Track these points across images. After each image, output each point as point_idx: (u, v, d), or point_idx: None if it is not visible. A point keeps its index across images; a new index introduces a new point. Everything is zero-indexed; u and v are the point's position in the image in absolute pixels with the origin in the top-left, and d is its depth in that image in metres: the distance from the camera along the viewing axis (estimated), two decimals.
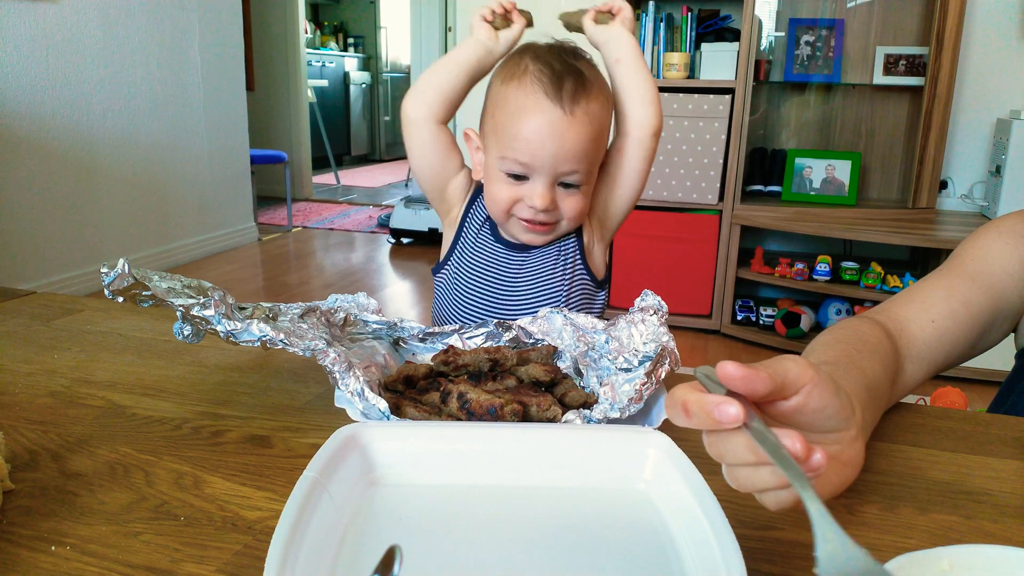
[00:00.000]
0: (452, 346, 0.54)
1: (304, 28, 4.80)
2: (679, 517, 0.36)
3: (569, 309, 0.59)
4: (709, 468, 0.44)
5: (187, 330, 0.50)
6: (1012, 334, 0.62)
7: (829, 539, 0.26)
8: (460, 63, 0.70)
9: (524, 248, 0.71)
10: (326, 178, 5.66)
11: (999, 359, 0.65)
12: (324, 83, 5.93)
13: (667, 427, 0.46)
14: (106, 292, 0.45)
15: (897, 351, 0.53)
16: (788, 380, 0.33)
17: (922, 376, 0.56)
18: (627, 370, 0.50)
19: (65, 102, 2.54)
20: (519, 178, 0.65)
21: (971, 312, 0.56)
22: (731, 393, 0.32)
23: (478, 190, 0.73)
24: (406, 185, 5.45)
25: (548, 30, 0.72)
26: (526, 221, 0.66)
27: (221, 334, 0.47)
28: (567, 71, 0.64)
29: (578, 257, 0.73)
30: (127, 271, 0.44)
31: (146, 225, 2.96)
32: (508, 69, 0.67)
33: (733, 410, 0.30)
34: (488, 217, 0.72)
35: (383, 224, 4.03)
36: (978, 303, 0.57)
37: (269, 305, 0.54)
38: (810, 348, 0.51)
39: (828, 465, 0.35)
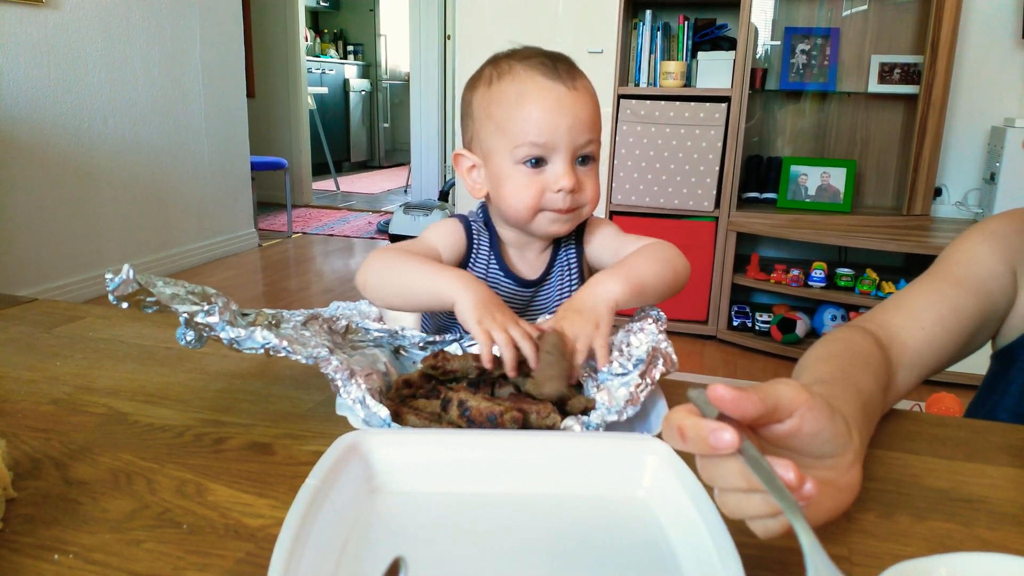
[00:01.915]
0: (442, 351, 0.54)
1: (304, 35, 4.82)
2: (678, 525, 0.37)
3: None
4: None
5: (190, 335, 0.50)
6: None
7: (821, 572, 0.27)
8: (417, 304, 0.61)
9: (533, 283, 0.70)
10: (326, 184, 5.67)
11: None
12: (324, 90, 5.94)
13: None
14: (110, 297, 0.45)
15: (888, 360, 0.53)
16: (781, 403, 0.33)
17: (913, 382, 0.56)
18: (622, 374, 0.50)
19: (66, 108, 2.55)
20: (538, 164, 0.62)
21: (960, 317, 0.57)
22: (724, 416, 0.32)
23: (470, 235, 0.69)
24: (405, 191, 5.46)
25: (547, 30, 0.73)
26: (555, 211, 0.64)
27: (225, 341, 0.47)
28: (554, 56, 0.64)
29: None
30: (131, 276, 0.45)
31: (147, 231, 2.96)
32: (486, 77, 0.65)
33: (728, 436, 0.30)
34: (491, 251, 0.69)
35: (382, 230, 4.03)
36: (966, 307, 0.57)
37: (272, 312, 0.54)
38: (803, 363, 0.51)
39: (823, 490, 0.35)
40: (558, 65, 0.63)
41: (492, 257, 0.70)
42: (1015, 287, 0.59)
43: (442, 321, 0.74)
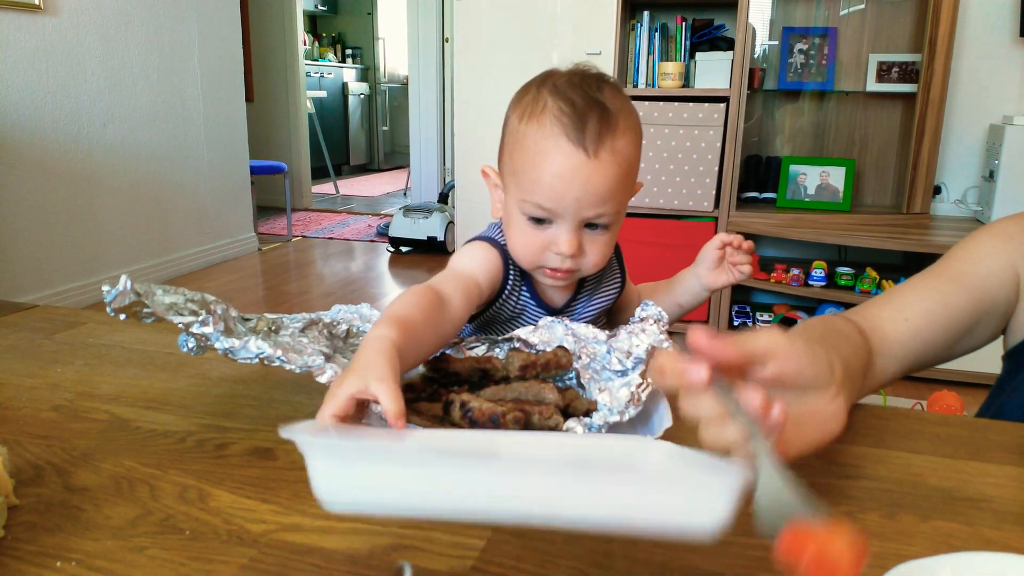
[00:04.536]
0: (444, 352, 0.54)
1: (302, 39, 4.83)
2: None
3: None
4: None
5: (191, 343, 0.50)
6: (1002, 336, 0.62)
7: (773, 479, 0.29)
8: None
9: (562, 310, 0.69)
10: (325, 188, 5.67)
11: (995, 362, 0.65)
12: (323, 94, 5.95)
13: (668, 436, 0.46)
14: (108, 310, 0.45)
15: (869, 346, 0.54)
16: (757, 353, 0.36)
17: (893, 372, 0.57)
18: (622, 373, 0.50)
19: (65, 114, 2.55)
20: (541, 222, 0.60)
21: (949, 313, 0.57)
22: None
23: (506, 261, 0.66)
24: (404, 194, 5.46)
25: (545, 32, 0.71)
26: (552, 270, 0.62)
27: (220, 351, 0.47)
28: (590, 107, 0.58)
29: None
30: (129, 288, 0.44)
31: (146, 236, 2.96)
32: (525, 104, 0.61)
33: (702, 371, 0.33)
34: (523, 277, 0.67)
35: (382, 233, 4.03)
36: (957, 304, 0.57)
37: (273, 317, 0.54)
38: None
39: (810, 420, 0.39)
40: (588, 123, 0.57)
41: (524, 285, 0.67)
42: (1017, 286, 0.59)
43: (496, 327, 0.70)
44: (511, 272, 0.66)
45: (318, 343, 0.53)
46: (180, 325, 0.46)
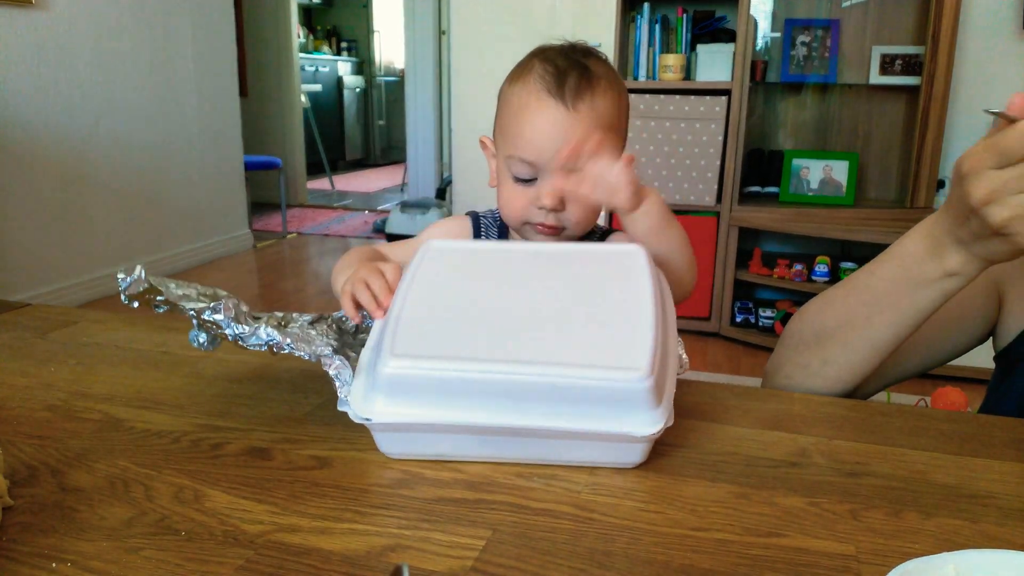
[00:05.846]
0: None
1: (297, 33, 4.80)
2: None
3: None
4: (712, 476, 0.44)
5: (202, 337, 0.50)
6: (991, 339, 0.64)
7: None
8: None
9: None
10: (321, 183, 5.65)
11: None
12: (318, 88, 5.92)
13: (669, 432, 0.46)
14: (122, 297, 0.46)
15: None
16: None
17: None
18: None
19: (57, 110, 2.53)
20: (528, 182, 0.63)
21: None
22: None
23: (477, 232, 0.70)
24: (401, 190, 5.44)
25: (544, 25, 0.72)
26: (539, 225, 0.64)
27: (230, 337, 0.48)
28: (572, 67, 0.62)
29: None
30: (143, 277, 0.45)
31: (140, 233, 2.95)
32: (515, 71, 0.65)
33: None
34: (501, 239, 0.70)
35: (379, 229, 4.02)
36: None
37: (281, 314, 0.54)
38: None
39: None
40: (568, 78, 0.61)
41: None
42: (996, 294, 0.60)
43: None
44: (481, 236, 0.70)
45: (327, 336, 0.53)
46: (192, 311, 0.47)
